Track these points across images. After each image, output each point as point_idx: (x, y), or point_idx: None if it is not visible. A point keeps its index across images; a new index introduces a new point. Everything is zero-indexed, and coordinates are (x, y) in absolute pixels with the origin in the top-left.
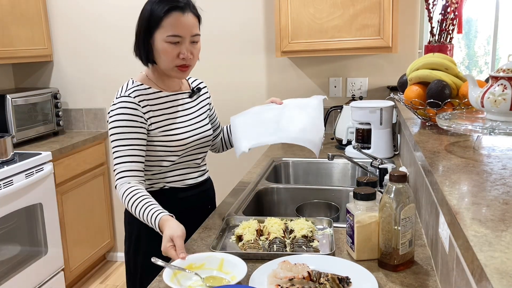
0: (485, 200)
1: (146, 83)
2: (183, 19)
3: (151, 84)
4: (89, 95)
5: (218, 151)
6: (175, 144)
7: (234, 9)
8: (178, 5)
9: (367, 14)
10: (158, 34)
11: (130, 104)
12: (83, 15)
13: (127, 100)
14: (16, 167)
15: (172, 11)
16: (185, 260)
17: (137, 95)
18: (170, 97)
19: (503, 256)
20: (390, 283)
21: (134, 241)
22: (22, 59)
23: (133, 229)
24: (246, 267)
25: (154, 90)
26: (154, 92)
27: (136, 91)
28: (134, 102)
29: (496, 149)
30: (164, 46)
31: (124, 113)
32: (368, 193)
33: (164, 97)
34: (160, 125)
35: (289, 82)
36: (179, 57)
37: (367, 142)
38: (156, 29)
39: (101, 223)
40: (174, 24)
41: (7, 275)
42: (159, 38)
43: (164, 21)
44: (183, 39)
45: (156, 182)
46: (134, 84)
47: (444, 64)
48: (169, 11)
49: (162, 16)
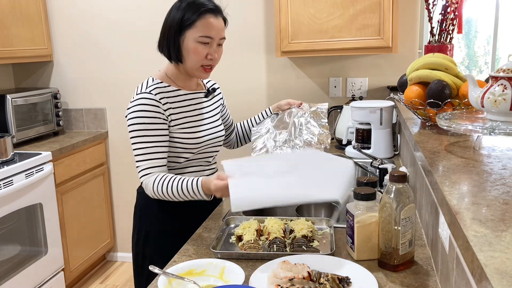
0: (485, 200)
1: (165, 81)
2: (215, 22)
3: (170, 82)
4: (89, 95)
5: (233, 147)
6: (191, 141)
7: (234, 9)
8: (211, 8)
9: (367, 14)
10: (190, 33)
11: (151, 101)
12: (83, 15)
13: (148, 97)
14: (16, 167)
15: (206, 13)
16: (186, 266)
17: (157, 92)
18: (189, 95)
19: (503, 256)
20: (390, 283)
21: (144, 234)
22: (22, 59)
23: (143, 223)
24: (244, 276)
25: (173, 88)
26: (174, 90)
27: (157, 89)
28: (155, 99)
29: (496, 149)
30: (195, 45)
31: (146, 110)
32: (368, 193)
33: (183, 95)
34: (178, 122)
35: (289, 82)
36: (207, 57)
37: (367, 142)
38: (188, 29)
39: (101, 223)
40: (207, 25)
41: (7, 275)
42: (190, 38)
43: (197, 22)
44: (212, 41)
45: None
46: (154, 82)
47: (444, 64)
48: (204, 13)
49: (196, 17)
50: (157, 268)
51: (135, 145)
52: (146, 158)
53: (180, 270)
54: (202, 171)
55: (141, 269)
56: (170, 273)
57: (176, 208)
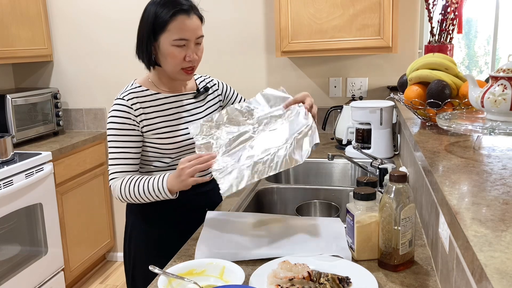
0: (485, 200)
1: (145, 85)
2: (188, 22)
3: (150, 86)
4: (89, 95)
5: None
6: (166, 147)
7: (234, 9)
8: (183, 8)
9: (367, 14)
10: (164, 37)
11: (122, 107)
12: (83, 15)
13: (120, 103)
14: (16, 167)
15: (177, 15)
16: (186, 266)
17: (131, 98)
18: (170, 98)
19: (503, 256)
20: (390, 283)
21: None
22: (22, 59)
23: (128, 218)
24: (243, 276)
25: (151, 92)
26: (151, 94)
27: (132, 93)
28: (127, 105)
29: (496, 149)
30: (170, 49)
31: (117, 116)
32: (368, 193)
33: (162, 98)
34: (152, 127)
35: (289, 82)
36: (186, 59)
37: (367, 142)
38: (161, 33)
39: (101, 223)
40: (180, 27)
41: (7, 275)
42: (165, 42)
43: (170, 24)
44: (189, 42)
45: None
46: (133, 86)
47: (444, 64)
48: (175, 15)
49: (168, 19)
50: (157, 268)
51: (108, 150)
52: (115, 163)
53: (180, 270)
54: None
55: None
56: (170, 273)
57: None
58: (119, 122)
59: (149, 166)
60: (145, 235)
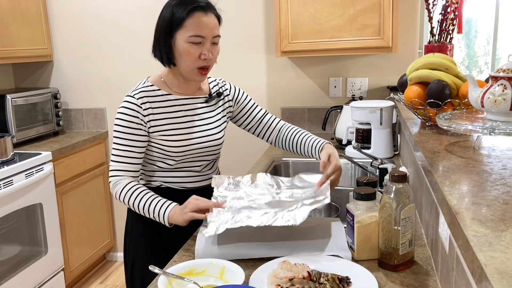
0: (485, 200)
1: (157, 84)
2: (205, 19)
3: (162, 86)
4: (89, 95)
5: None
6: (172, 149)
7: (234, 9)
8: (200, 4)
9: (367, 14)
10: (180, 34)
11: (131, 105)
12: (83, 15)
13: (130, 101)
14: (16, 167)
15: (194, 11)
16: (186, 266)
17: (141, 96)
18: (181, 100)
19: (503, 256)
20: (390, 283)
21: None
22: (22, 59)
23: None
24: (243, 276)
25: (163, 92)
26: (162, 94)
27: (142, 92)
28: (136, 104)
29: (496, 149)
30: (186, 46)
31: (125, 113)
32: (368, 193)
33: (172, 100)
34: (160, 129)
35: (289, 82)
36: (201, 58)
37: (367, 142)
38: (178, 30)
39: (101, 223)
40: (196, 24)
41: (7, 275)
42: (181, 39)
43: (186, 21)
44: (205, 40)
45: (153, 180)
46: (145, 84)
47: (444, 64)
48: (192, 11)
49: (184, 16)
50: (157, 268)
51: (113, 145)
52: (118, 160)
53: (180, 270)
54: (191, 177)
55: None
56: (170, 273)
57: None
58: (127, 120)
59: (153, 166)
60: (145, 235)
